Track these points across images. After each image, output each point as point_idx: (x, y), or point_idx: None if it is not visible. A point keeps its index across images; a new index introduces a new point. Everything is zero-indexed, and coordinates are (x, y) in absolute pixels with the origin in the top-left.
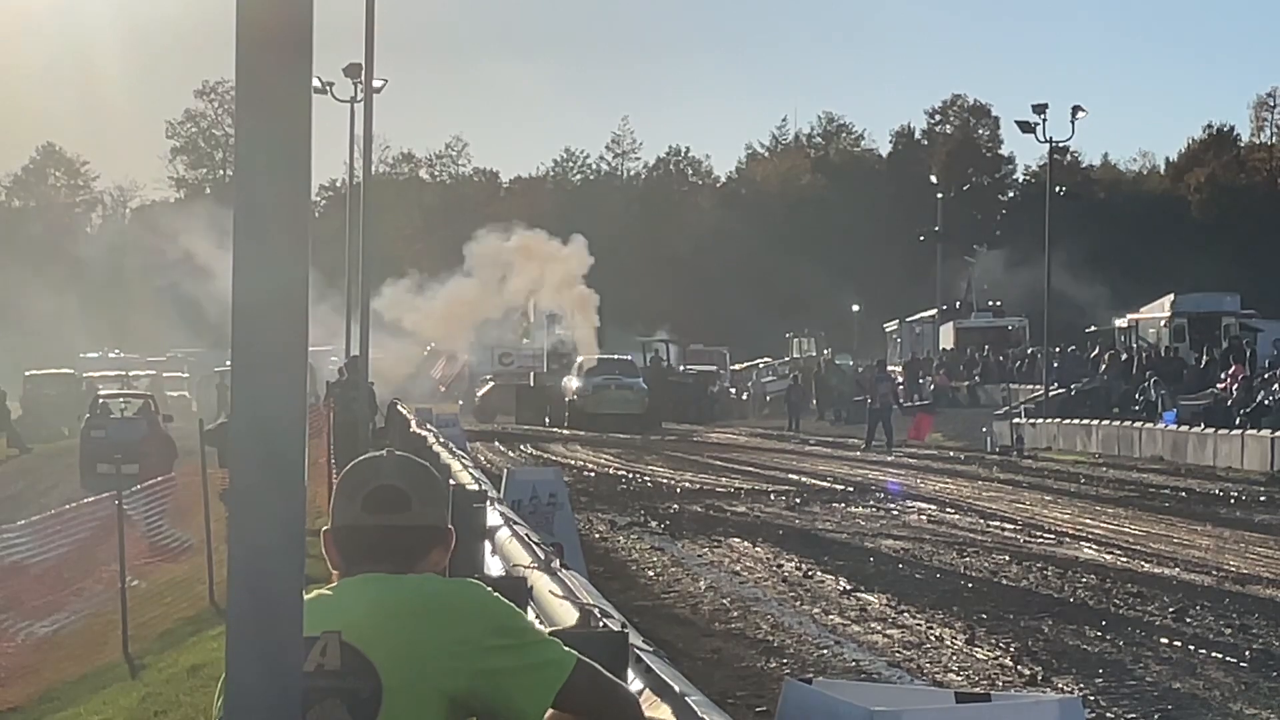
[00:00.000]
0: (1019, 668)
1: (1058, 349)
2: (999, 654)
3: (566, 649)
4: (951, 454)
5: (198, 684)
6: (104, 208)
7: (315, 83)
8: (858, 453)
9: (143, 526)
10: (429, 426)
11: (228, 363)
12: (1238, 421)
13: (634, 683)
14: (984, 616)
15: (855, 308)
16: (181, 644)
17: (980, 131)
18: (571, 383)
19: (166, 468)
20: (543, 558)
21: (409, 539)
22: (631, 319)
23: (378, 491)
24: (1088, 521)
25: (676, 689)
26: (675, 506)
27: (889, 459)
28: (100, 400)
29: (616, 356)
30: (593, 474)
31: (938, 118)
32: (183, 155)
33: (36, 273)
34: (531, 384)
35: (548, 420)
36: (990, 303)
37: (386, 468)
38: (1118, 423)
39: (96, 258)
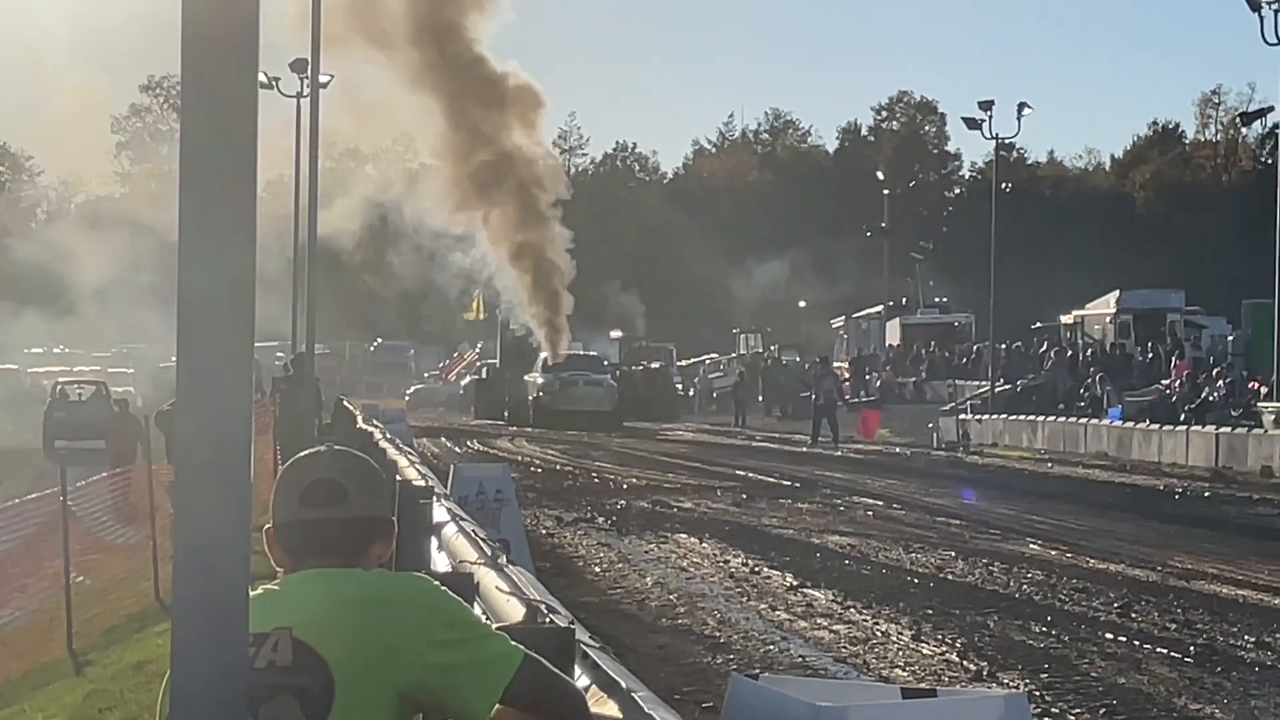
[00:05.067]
0: (965, 663)
1: (1004, 345)
2: (945, 649)
3: (514, 644)
4: (898, 450)
5: (143, 680)
6: (48, 203)
7: (261, 78)
8: (804, 449)
9: (88, 522)
10: (375, 422)
11: (173, 358)
12: (1182, 417)
13: (581, 679)
14: (930, 612)
15: (802, 304)
16: (127, 640)
17: (926, 128)
18: (536, 379)
19: (132, 445)
20: (489, 554)
21: (349, 531)
22: (578, 314)
23: (314, 486)
24: (1033, 517)
25: (623, 685)
26: (622, 502)
27: (836, 455)
28: (59, 386)
29: (584, 352)
30: (540, 470)
31: (884, 114)
32: (128, 150)
33: None
34: (485, 378)
35: (506, 415)
36: (936, 299)
37: (322, 462)
38: (1063, 419)
39: (40, 253)
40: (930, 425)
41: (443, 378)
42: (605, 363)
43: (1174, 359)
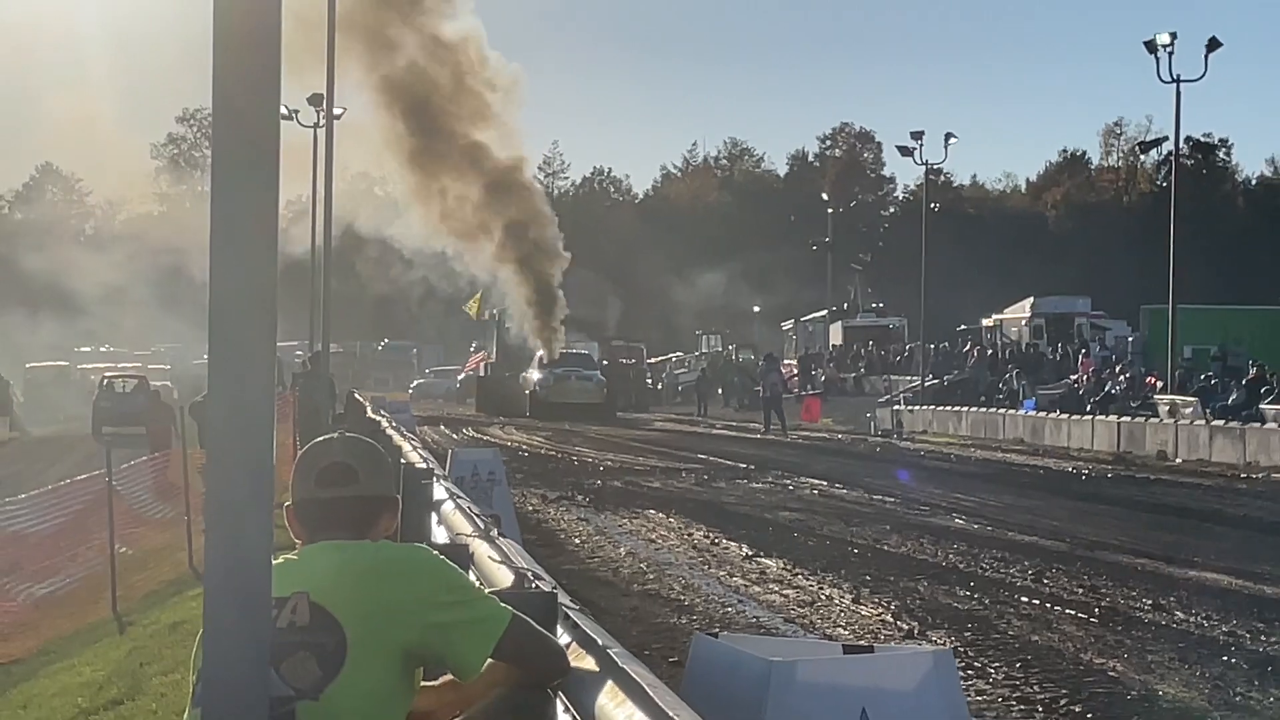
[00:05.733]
0: (898, 623)
1: (932, 345)
2: (881, 611)
3: (504, 606)
4: (840, 437)
5: (179, 639)
6: (95, 220)
7: (282, 110)
8: (757, 436)
9: (130, 500)
10: (382, 412)
11: (205, 356)
12: (1088, 408)
13: (562, 637)
14: (868, 578)
15: (756, 309)
16: (164, 603)
17: (865, 155)
18: (533, 375)
19: (167, 430)
20: (482, 527)
21: (359, 508)
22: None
23: (329, 469)
24: (959, 495)
25: (600, 642)
26: (599, 482)
27: (785, 441)
28: (106, 379)
29: (575, 350)
30: (526, 454)
31: (828, 143)
32: (165, 174)
33: (35, 277)
34: (486, 374)
35: (506, 408)
36: (874, 305)
37: (336, 447)
38: (984, 409)
39: (89, 263)
40: (868, 415)
41: (467, 371)
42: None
43: (1081, 357)
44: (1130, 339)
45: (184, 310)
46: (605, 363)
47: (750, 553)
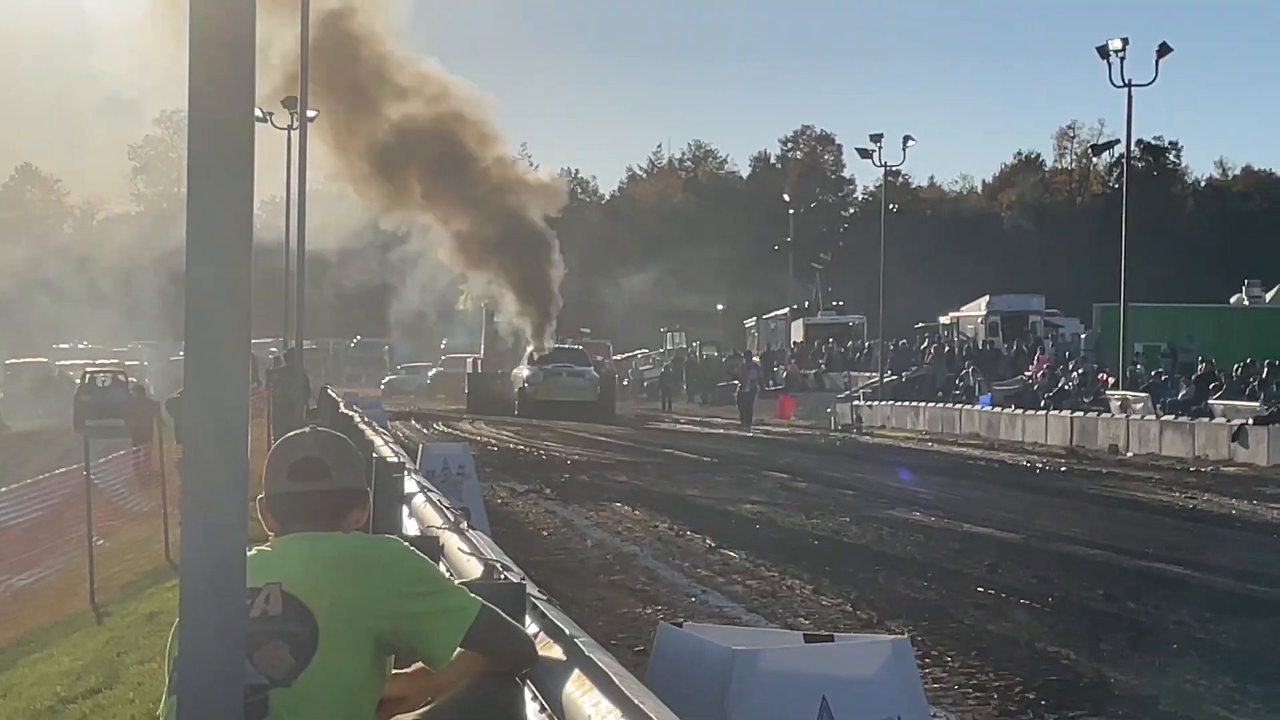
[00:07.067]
0: (858, 613)
1: (891, 342)
2: (841, 601)
3: (473, 596)
4: (801, 431)
5: (155, 629)
6: (74, 220)
7: (257, 112)
8: (720, 430)
9: (108, 493)
10: (354, 408)
11: (182, 353)
12: (1042, 403)
13: (530, 626)
14: (828, 569)
15: (720, 306)
16: (141, 594)
17: (826, 157)
18: (522, 371)
19: (148, 423)
20: (452, 519)
21: (331, 501)
22: None
23: (301, 463)
24: (916, 489)
25: (567, 632)
26: (566, 476)
27: (748, 435)
28: (87, 374)
29: (568, 346)
30: (495, 449)
31: (790, 145)
32: (142, 174)
33: (13, 276)
34: (478, 371)
35: (491, 406)
36: (834, 303)
37: (308, 442)
38: (942, 405)
39: (67, 263)
40: (829, 410)
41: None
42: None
43: (1035, 354)
44: (1083, 336)
45: (160, 308)
46: (600, 359)
47: (714, 544)
